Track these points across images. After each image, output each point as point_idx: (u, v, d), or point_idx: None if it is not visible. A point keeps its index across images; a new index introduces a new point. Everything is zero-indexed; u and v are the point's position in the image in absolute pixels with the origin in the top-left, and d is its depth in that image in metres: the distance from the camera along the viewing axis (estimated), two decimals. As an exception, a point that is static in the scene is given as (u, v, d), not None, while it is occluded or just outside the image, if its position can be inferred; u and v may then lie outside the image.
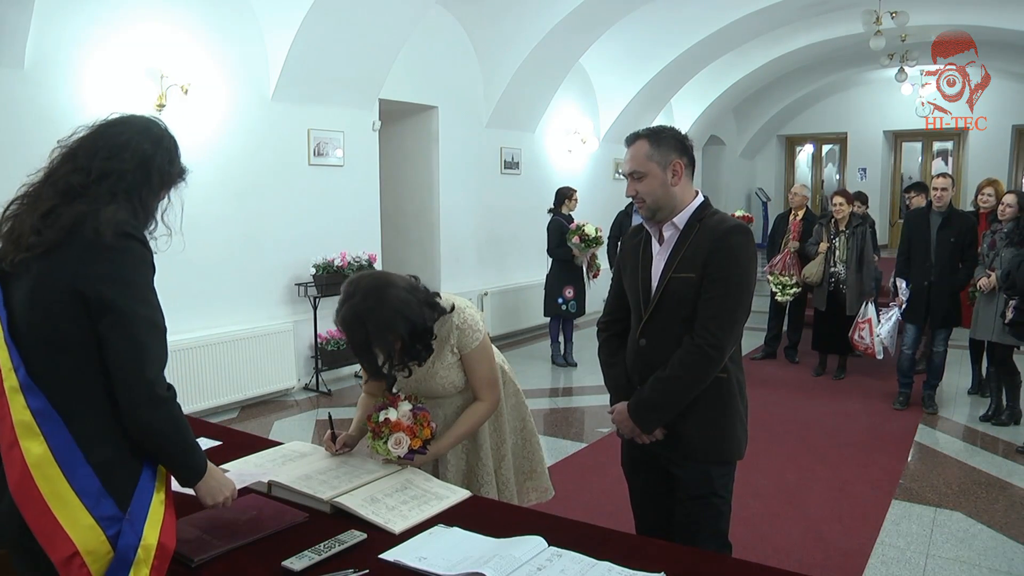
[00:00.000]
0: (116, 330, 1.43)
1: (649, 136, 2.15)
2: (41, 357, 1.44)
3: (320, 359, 6.08)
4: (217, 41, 5.40)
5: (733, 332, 2.11)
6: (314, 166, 6.13)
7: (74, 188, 1.47)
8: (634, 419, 2.18)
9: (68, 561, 1.39)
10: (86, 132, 1.54)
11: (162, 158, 1.57)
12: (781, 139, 15.11)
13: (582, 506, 3.56)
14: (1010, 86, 12.21)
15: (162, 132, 1.61)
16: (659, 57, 9.29)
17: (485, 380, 2.30)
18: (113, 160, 1.50)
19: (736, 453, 2.23)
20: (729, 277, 2.08)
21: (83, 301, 1.42)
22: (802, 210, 6.90)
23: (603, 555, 1.65)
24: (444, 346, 2.24)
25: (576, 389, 6.32)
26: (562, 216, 6.87)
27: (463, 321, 2.24)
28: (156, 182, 1.55)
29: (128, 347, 1.43)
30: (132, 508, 1.45)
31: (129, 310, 1.43)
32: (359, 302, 2.02)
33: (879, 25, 8.28)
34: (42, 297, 1.43)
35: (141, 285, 1.46)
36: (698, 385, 2.11)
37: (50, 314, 1.43)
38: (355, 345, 2.08)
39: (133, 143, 1.53)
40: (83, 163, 1.49)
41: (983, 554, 3.36)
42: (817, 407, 5.73)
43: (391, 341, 2.06)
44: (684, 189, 2.16)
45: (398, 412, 2.18)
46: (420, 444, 2.16)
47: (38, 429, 1.40)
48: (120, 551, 1.42)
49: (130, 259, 1.45)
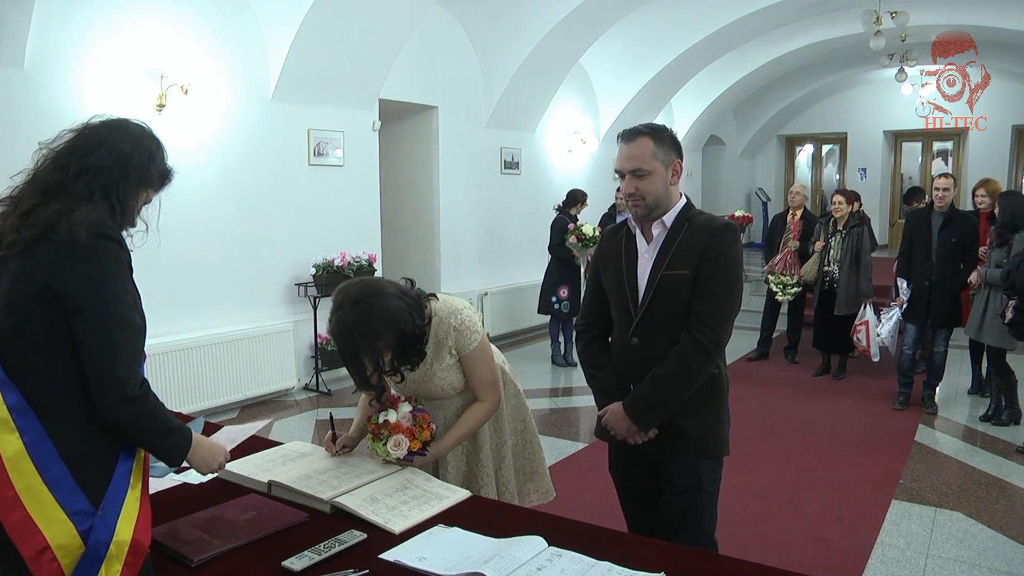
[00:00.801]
0: (88, 330, 1.43)
1: (652, 134, 2.15)
2: (16, 353, 1.45)
3: (320, 359, 6.08)
4: (217, 41, 5.40)
5: (728, 326, 2.14)
6: (314, 166, 6.13)
7: (52, 187, 1.49)
8: (632, 417, 2.15)
9: (39, 556, 1.39)
10: (70, 134, 1.56)
11: (140, 156, 1.57)
12: (781, 139, 15.11)
13: (582, 506, 3.57)
14: (1010, 86, 12.21)
15: (143, 132, 1.61)
16: (659, 57, 9.29)
17: (485, 381, 2.29)
18: (90, 157, 1.51)
19: (724, 449, 2.24)
20: (726, 273, 2.11)
21: (56, 299, 1.42)
22: (800, 209, 6.90)
23: (603, 555, 1.65)
24: (442, 348, 2.23)
25: (576, 389, 6.32)
26: (568, 216, 6.85)
27: (460, 323, 2.23)
28: (133, 179, 1.56)
29: (100, 347, 1.43)
30: (105, 504, 1.45)
31: (102, 309, 1.43)
32: (347, 313, 2.01)
33: (879, 25, 8.28)
34: (17, 294, 1.44)
35: (114, 284, 1.46)
36: (698, 380, 2.13)
37: (24, 311, 1.44)
38: (344, 355, 2.06)
39: (111, 141, 1.55)
40: (63, 162, 1.51)
41: (983, 554, 3.36)
42: (817, 407, 5.73)
43: (380, 350, 2.05)
44: (675, 190, 2.19)
45: (398, 414, 2.18)
46: (419, 446, 2.16)
47: (13, 424, 1.41)
48: (91, 546, 1.42)
49: (103, 259, 1.45)
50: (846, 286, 6.14)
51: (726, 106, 12.25)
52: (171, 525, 1.82)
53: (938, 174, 5.51)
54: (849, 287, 6.13)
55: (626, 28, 8.42)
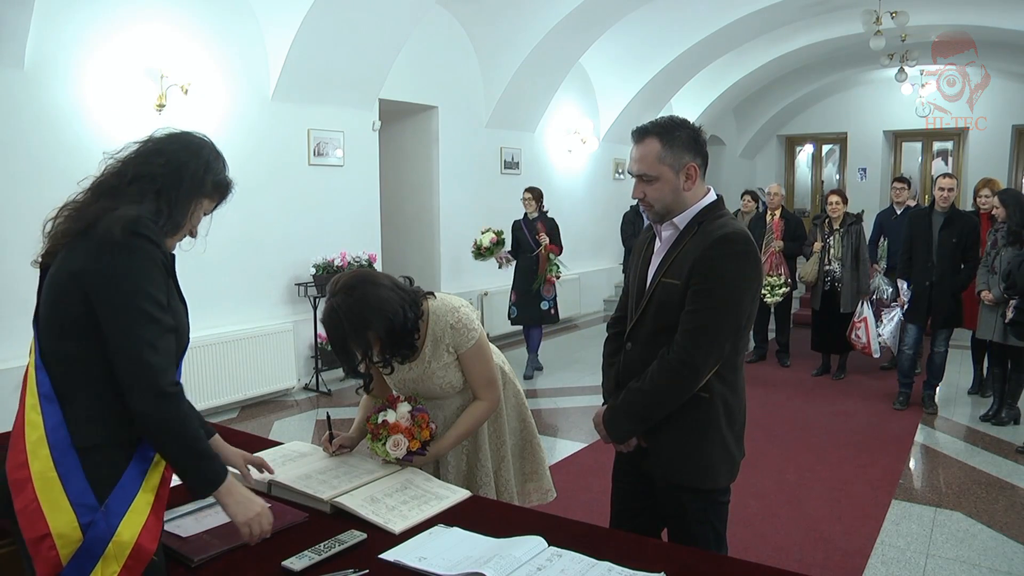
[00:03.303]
0: (113, 321, 1.45)
1: (661, 134, 1.95)
2: (50, 340, 1.50)
3: (320, 359, 6.08)
4: (217, 41, 5.40)
5: (712, 351, 1.90)
6: (314, 166, 6.13)
7: (107, 189, 1.54)
8: (605, 424, 2.08)
9: (39, 541, 1.41)
10: (134, 145, 1.61)
11: (197, 165, 1.60)
12: (781, 139, 15.10)
13: (582, 506, 3.57)
14: (1010, 86, 12.20)
15: (203, 143, 1.66)
16: (659, 57, 9.29)
17: (483, 379, 2.28)
18: (147, 164, 1.56)
19: (711, 481, 2.01)
20: (712, 290, 1.89)
21: (87, 292, 1.46)
22: (779, 210, 6.92)
23: (603, 555, 1.65)
24: (439, 346, 2.23)
25: (576, 389, 6.32)
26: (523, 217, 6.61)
27: (457, 320, 2.22)
28: (187, 186, 1.59)
29: (125, 338, 1.45)
30: (110, 502, 1.45)
31: (127, 302, 1.45)
32: (339, 300, 2.02)
33: (879, 25, 8.28)
34: (56, 283, 1.50)
35: (140, 280, 1.47)
36: (667, 403, 1.95)
37: (59, 299, 1.49)
38: (334, 342, 2.05)
39: (169, 150, 1.60)
40: (122, 168, 1.57)
41: (983, 554, 3.36)
42: (817, 407, 5.73)
43: (368, 339, 2.04)
44: (696, 191, 1.99)
45: (396, 414, 2.17)
46: (419, 446, 2.15)
47: (40, 409, 1.46)
48: (88, 541, 1.42)
49: (134, 255, 1.46)
50: (850, 283, 6.17)
51: (726, 106, 12.25)
52: (171, 525, 1.81)
53: (941, 174, 5.50)
54: (852, 284, 6.16)
55: (626, 28, 8.42)
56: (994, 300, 4.95)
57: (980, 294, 5.06)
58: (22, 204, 4.41)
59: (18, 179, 4.44)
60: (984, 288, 5.03)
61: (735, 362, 2.02)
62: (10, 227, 4.37)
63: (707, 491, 2.02)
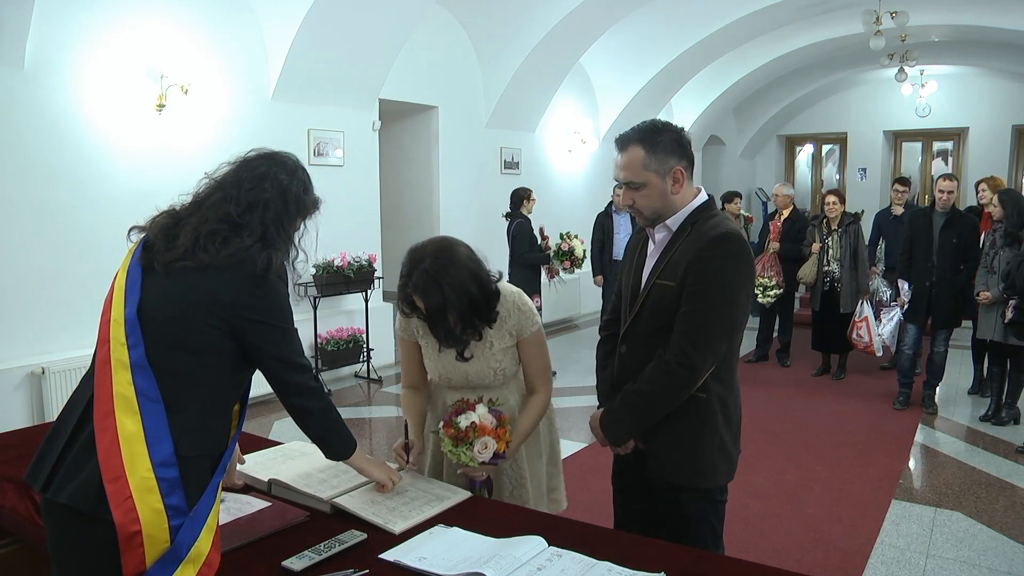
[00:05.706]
0: (273, 341, 1.66)
1: (643, 140, 1.95)
2: (165, 348, 1.57)
3: (320, 359, 6.08)
4: (217, 41, 5.40)
5: (709, 351, 1.90)
6: (314, 166, 6.10)
7: (231, 217, 1.64)
8: (602, 427, 2.08)
9: (131, 537, 1.46)
10: (229, 166, 1.72)
11: (297, 187, 1.74)
12: (781, 139, 15.10)
13: (582, 506, 3.57)
14: (1010, 86, 12.20)
15: (296, 164, 1.78)
16: (659, 57, 9.29)
17: (541, 367, 2.23)
18: (256, 190, 1.67)
19: (710, 480, 2.02)
20: (707, 291, 1.88)
21: (231, 318, 1.60)
22: (788, 210, 6.87)
23: (603, 555, 1.65)
24: (503, 327, 2.17)
25: (576, 389, 6.32)
26: (523, 217, 6.50)
27: (524, 303, 2.18)
28: (293, 210, 1.74)
29: (284, 353, 1.69)
30: (197, 508, 1.53)
31: (284, 328, 1.69)
32: (431, 264, 1.99)
33: (879, 25, 8.27)
34: (187, 305, 1.59)
35: (286, 310, 1.70)
36: (665, 404, 1.95)
37: (192, 318, 1.58)
38: (431, 310, 2.01)
39: (271, 174, 1.70)
40: (231, 192, 1.66)
41: (983, 554, 3.36)
42: (817, 407, 5.73)
43: (465, 302, 2.02)
44: (684, 193, 1.98)
45: (477, 415, 2.06)
46: (504, 447, 2.06)
47: (137, 407, 1.51)
48: (176, 544, 1.48)
49: (280, 291, 1.68)
50: (849, 283, 6.17)
51: (726, 106, 12.24)
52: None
53: (942, 175, 5.49)
54: (851, 284, 6.17)
55: (626, 28, 8.42)
56: (992, 300, 4.96)
57: (978, 295, 5.06)
58: (22, 204, 4.41)
59: (18, 179, 4.43)
60: (983, 288, 5.04)
61: (731, 361, 2.02)
62: (10, 227, 4.37)
63: (705, 491, 2.03)
